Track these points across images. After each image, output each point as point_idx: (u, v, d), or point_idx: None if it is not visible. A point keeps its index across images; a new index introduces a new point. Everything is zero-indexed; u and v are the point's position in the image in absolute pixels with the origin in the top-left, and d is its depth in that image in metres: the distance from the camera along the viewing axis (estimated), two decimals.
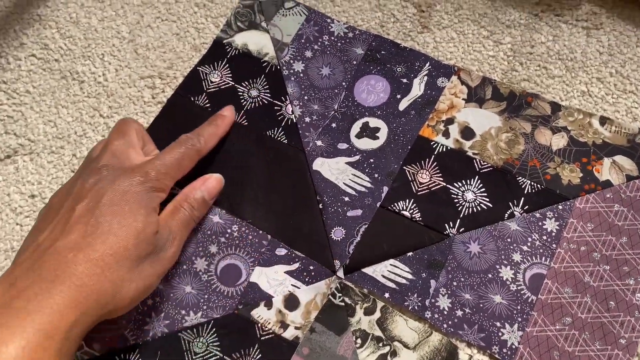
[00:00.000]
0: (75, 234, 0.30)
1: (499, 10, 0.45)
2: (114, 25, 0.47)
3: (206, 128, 0.39)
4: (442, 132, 0.40)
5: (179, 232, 0.35)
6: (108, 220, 0.31)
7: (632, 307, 0.35)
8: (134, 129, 0.37)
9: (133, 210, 0.32)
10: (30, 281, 0.28)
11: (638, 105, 0.41)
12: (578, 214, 0.37)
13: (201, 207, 0.37)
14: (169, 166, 0.35)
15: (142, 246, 0.31)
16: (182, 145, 0.36)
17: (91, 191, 0.32)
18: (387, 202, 0.39)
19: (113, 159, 0.34)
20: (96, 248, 0.30)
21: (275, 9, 0.45)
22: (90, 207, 0.31)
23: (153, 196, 0.33)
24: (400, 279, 0.36)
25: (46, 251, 0.30)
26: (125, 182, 0.32)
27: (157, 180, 0.34)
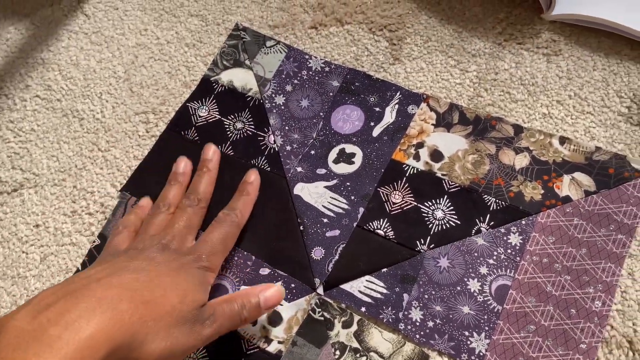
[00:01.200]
0: (128, 277, 0.31)
1: (465, 40, 0.48)
2: (110, 66, 0.51)
3: (239, 199, 0.41)
4: (413, 156, 0.43)
5: (221, 320, 0.34)
6: (162, 277, 0.32)
7: (591, 314, 0.37)
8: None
9: (187, 278, 0.34)
10: (70, 305, 0.27)
11: (595, 125, 0.44)
12: (540, 228, 0.40)
13: (252, 311, 0.35)
14: (216, 246, 0.38)
15: (185, 310, 0.31)
16: (223, 223, 0.39)
17: (147, 258, 0.35)
18: (363, 222, 0.41)
19: (171, 241, 0.37)
20: (144, 294, 0.30)
21: (257, 48, 0.49)
22: (148, 263, 0.34)
23: (205, 274, 0.36)
24: (376, 294, 0.39)
25: (96, 281, 0.30)
26: (179, 261, 0.35)
27: (209, 261, 0.36)
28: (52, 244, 0.44)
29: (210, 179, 0.43)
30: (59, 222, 0.45)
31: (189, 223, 0.40)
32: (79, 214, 0.45)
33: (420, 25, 0.49)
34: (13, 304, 0.42)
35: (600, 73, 0.46)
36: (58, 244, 0.44)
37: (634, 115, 0.43)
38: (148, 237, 0.38)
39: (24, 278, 0.43)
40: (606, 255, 0.39)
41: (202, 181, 0.43)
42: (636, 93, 0.44)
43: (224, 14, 0.52)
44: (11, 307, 0.42)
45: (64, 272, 0.43)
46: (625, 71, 0.45)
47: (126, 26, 0.53)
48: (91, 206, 0.45)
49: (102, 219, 0.45)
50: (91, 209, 0.45)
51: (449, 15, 0.49)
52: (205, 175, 0.43)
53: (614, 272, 0.38)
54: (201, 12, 0.52)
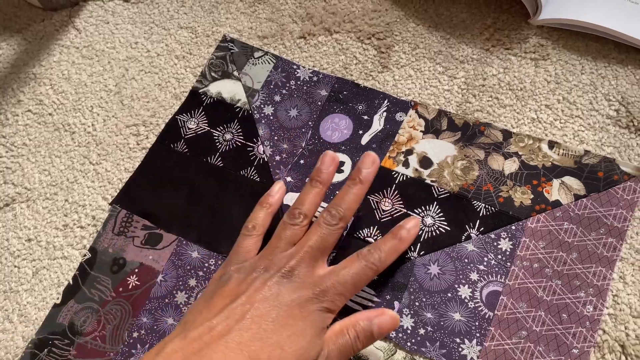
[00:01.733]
0: (249, 332, 0.30)
1: (453, 47, 0.48)
2: (101, 80, 0.51)
3: (389, 241, 0.36)
4: (402, 163, 0.44)
5: (334, 358, 0.33)
6: (279, 331, 0.31)
7: (583, 318, 0.37)
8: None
9: (305, 329, 0.32)
10: None
11: (584, 128, 0.44)
12: (530, 233, 0.40)
13: (366, 340, 0.34)
14: (346, 287, 0.34)
15: None
16: (363, 261, 0.35)
17: (272, 290, 0.33)
18: (353, 230, 0.41)
19: (300, 264, 0.35)
20: (261, 357, 0.30)
21: (245, 59, 0.49)
22: (268, 309, 0.32)
23: (325, 317, 0.33)
24: (367, 302, 0.39)
25: (218, 341, 0.30)
26: (304, 297, 0.33)
27: (332, 302, 0.33)
28: (44, 258, 0.44)
29: (360, 193, 0.37)
30: (51, 236, 0.45)
31: (323, 244, 0.36)
32: (71, 228, 0.45)
33: (408, 33, 0.49)
34: (5, 319, 0.42)
35: (589, 77, 0.46)
36: (50, 257, 0.44)
37: (623, 118, 0.43)
38: (277, 252, 0.36)
39: (15, 292, 0.43)
40: (597, 259, 0.39)
41: (350, 193, 0.37)
42: (624, 96, 0.44)
43: (213, 26, 0.52)
44: (2, 322, 0.42)
45: (55, 285, 0.43)
46: (613, 74, 0.45)
47: (117, 40, 0.53)
48: (83, 219, 0.45)
49: (94, 232, 0.45)
50: (83, 222, 0.45)
51: (437, 22, 0.50)
52: (356, 188, 0.37)
53: (605, 276, 0.38)
54: (191, 24, 0.53)
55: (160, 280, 0.41)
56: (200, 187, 0.44)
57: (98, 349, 0.40)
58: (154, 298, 0.41)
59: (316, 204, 0.38)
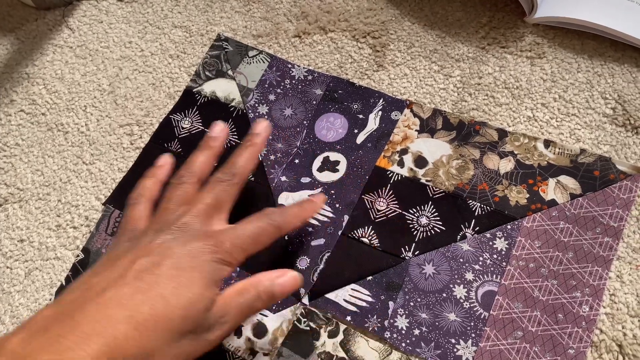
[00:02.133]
0: (128, 288, 0.28)
1: (449, 45, 0.48)
2: (95, 79, 0.51)
3: (293, 207, 0.37)
4: (397, 162, 0.43)
5: (233, 317, 0.32)
6: (164, 283, 0.29)
7: (579, 318, 0.37)
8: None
9: (193, 279, 0.30)
10: (65, 329, 0.26)
11: (580, 127, 0.43)
12: (526, 233, 0.40)
13: (267, 300, 0.33)
14: (245, 240, 0.33)
15: (188, 321, 0.29)
16: (264, 218, 0.34)
17: (159, 248, 0.31)
18: (348, 230, 0.41)
19: (194, 219, 0.33)
20: (142, 310, 0.28)
21: (240, 58, 0.49)
22: (152, 263, 0.30)
23: (219, 268, 0.31)
24: (361, 302, 0.39)
25: (93, 299, 0.28)
26: (196, 248, 0.31)
27: (229, 253, 0.32)
28: (37, 259, 0.44)
29: (253, 154, 0.37)
30: (44, 237, 0.45)
31: (217, 201, 0.34)
32: (64, 228, 0.45)
33: (404, 32, 0.49)
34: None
35: (585, 75, 0.45)
36: (42, 258, 0.44)
37: (619, 117, 0.43)
38: (168, 213, 0.34)
39: (8, 294, 0.43)
40: (593, 258, 0.38)
41: (243, 154, 0.37)
42: (620, 94, 0.44)
43: (207, 25, 0.52)
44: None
45: (48, 286, 0.43)
46: (610, 72, 0.45)
47: (110, 39, 0.53)
48: (76, 220, 0.45)
49: (87, 232, 0.44)
50: (76, 223, 0.45)
51: (432, 21, 0.49)
52: (249, 149, 0.37)
53: (601, 276, 0.38)
54: (185, 23, 0.53)
55: None
56: None
57: None
58: None
59: (207, 165, 0.37)
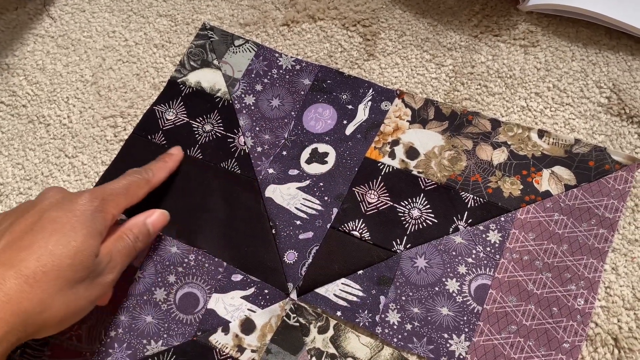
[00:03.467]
0: (11, 249, 0.30)
1: (440, 34, 0.47)
2: (77, 70, 0.49)
3: (154, 163, 0.41)
4: (388, 154, 0.42)
5: (119, 260, 0.34)
6: (46, 237, 0.30)
7: (574, 311, 0.36)
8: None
9: (75, 229, 0.31)
10: None
11: (575, 116, 0.42)
12: (520, 225, 0.39)
13: (145, 238, 0.36)
14: (116, 192, 0.35)
15: (77, 268, 0.31)
16: (130, 175, 0.38)
17: (36, 207, 0.32)
18: (338, 223, 0.40)
19: (60, 192, 0.35)
20: (29, 265, 0.29)
21: (226, 47, 0.48)
22: (31, 221, 0.31)
23: (98, 218, 0.33)
24: (352, 297, 0.38)
25: None
26: (72, 202, 0.33)
27: (103, 202, 0.34)
28: None
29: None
30: None
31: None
32: None
33: (395, 20, 0.48)
34: None
35: (579, 63, 0.44)
36: None
37: (614, 106, 0.42)
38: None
39: None
40: (588, 250, 0.38)
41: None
42: (615, 83, 0.43)
43: (193, 13, 0.51)
44: None
45: None
46: (604, 61, 0.44)
47: (93, 28, 0.51)
48: None
49: None
50: None
51: (424, 9, 0.48)
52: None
53: (597, 268, 0.37)
54: (170, 12, 0.51)
55: (139, 276, 0.40)
56: (178, 180, 0.42)
57: (74, 349, 0.38)
58: (132, 295, 0.39)
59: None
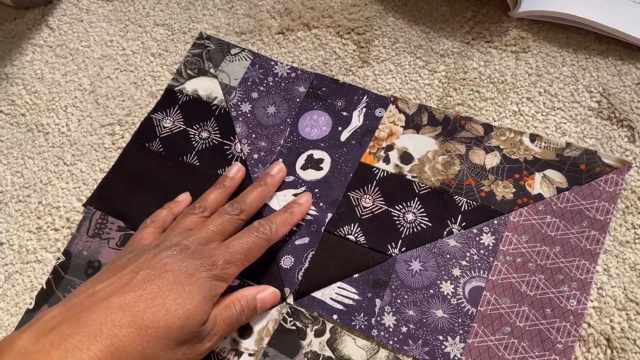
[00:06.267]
0: (131, 295, 0.31)
1: (433, 41, 0.48)
2: (76, 79, 0.50)
3: (281, 215, 0.39)
4: (382, 159, 0.43)
5: (221, 329, 0.34)
6: (166, 294, 0.31)
7: (567, 312, 0.37)
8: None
9: (192, 293, 0.32)
10: (73, 329, 0.28)
11: (566, 120, 0.43)
12: (513, 227, 0.39)
13: (250, 313, 0.36)
14: (236, 256, 0.35)
15: (185, 331, 0.31)
16: (254, 232, 0.37)
17: (159, 263, 0.33)
18: (334, 228, 0.41)
19: (193, 242, 0.35)
20: (145, 317, 0.30)
21: (222, 56, 0.48)
22: (153, 275, 0.32)
23: (215, 285, 0.34)
24: (348, 300, 0.38)
25: (99, 303, 0.30)
26: (192, 266, 0.33)
27: (223, 270, 0.34)
28: (17, 262, 0.43)
29: (263, 193, 0.40)
30: (24, 239, 0.44)
31: (220, 229, 0.37)
32: (44, 230, 0.44)
33: (388, 27, 0.49)
34: None
35: (570, 69, 0.45)
36: (23, 261, 0.43)
37: (604, 110, 0.43)
38: (172, 235, 0.36)
39: None
40: (580, 252, 0.38)
41: (253, 193, 0.40)
42: (605, 87, 0.44)
43: (190, 23, 0.51)
44: None
45: (29, 290, 0.42)
46: (594, 66, 0.45)
47: (91, 38, 0.52)
48: (57, 222, 0.44)
49: (68, 234, 0.43)
50: (57, 225, 0.44)
51: (417, 16, 0.49)
52: (259, 188, 0.40)
53: (589, 270, 0.38)
54: (167, 21, 0.52)
55: None
56: (175, 187, 0.43)
57: None
58: None
59: (218, 202, 0.40)
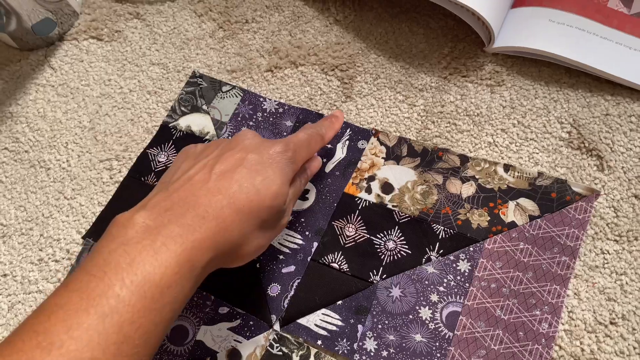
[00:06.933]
0: (225, 180, 0.33)
1: (412, 76, 0.50)
2: (76, 116, 0.53)
3: (324, 121, 0.43)
4: (364, 189, 0.45)
5: (291, 203, 0.38)
6: (254, 176, 0.34)
7: (539, 335, 0.38)
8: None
9: (276, 175, 0.34)
10: (183, 210, 0.31)
11: (539, 150, 0.46)
12: (487, 254, 0.41)
13: (306, 182, 0.41)
14: (303, 143, 0.38)
15: (273, 211, 0.34)
16: (311, 128, 0.41)
17: (240, 144, 0.36)
18: (318, 256, 0.43)
19: (257, 136, 0.38)
20: (240, 197, 0.33)
21: (214, 93, 0.51)
22: (238, 157, 0.35)
23: (291, 167, 0.36)
24: (331, 326, 0.40)
25: (200, 188, 0.33)
26: (271, 148, 0.36)
27: (295, 152, 0.37)
28: (20, 293, 0.45)
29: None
30: (26, 271, 0.46)
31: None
32: (46, 262, 0.46)
33: (370, 64, 0.51)
34: None
35: (542, 101, 0.48)
36: (25, 292, 0.45)
37: (574, 140, 0.45)
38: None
39: None
40: (551, 277, 0.40)
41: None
42: (575, 118, 0.46)
43: (183, 62, 0.54)
44: None
45: None
46: (565, 98, 0.48)
47: (91, 77, 0.55)
48: (57, 253, 0.46)
49: (68, 265, 0.46)
50: (57, 256, 0.46)
51: (397, 53, 0.52)
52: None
53: (560, 294, 0.39)
54: (162, 60, 0.55)
55: None
56: None
57: None
58: None
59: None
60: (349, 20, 0.55)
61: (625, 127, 0.45)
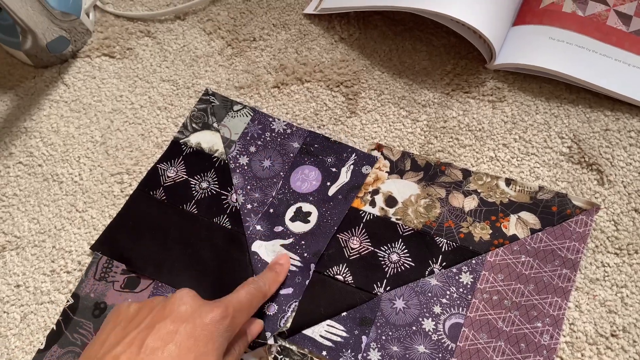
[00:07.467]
0: (153, 355, 0.31)
1: (416, 92, 0.52)
2: (88, 131, 0.55)
3: (267, 274, 0.42)
4: (369, 202, 0.46)
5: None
6: (184, 354, 0.32)
7: (540, 347, 0.39)
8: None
9: (207, 350, 0.33)
10: None
11: (539, 165, 0.46)
12: (489, 267, 0.42)
13: (245, 347, 0.39)
14: (244, 305, 0.37)
15: None
16: (252, 285, 0.40)
17: (174, 312, 0.34)
18: (323, 268, 0.44)
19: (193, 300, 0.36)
20: None
21: (225, 112, 0.53)
22: (171, 330, 0.33)
23: (226, 337, 0.35)
24: (336, 337, 0.41)
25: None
26: (207, 316, 0.34)
27: (234, 318, 0.35)
28: (32, 303, 0.46)
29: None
30: (39, 282, 0.47)
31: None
32: (58, 273, 0.47)
33: (374, 80, 0.53)
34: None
35: (543, 116, 0.49)
36: (37, 302, 0.46)
37: (575, 155, 0.46)
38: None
39: (4, 337, 0.45)
40: (552, 289, 0.41)
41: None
42: (576, 133, 0.47)
43: (193, 78, 0.56)
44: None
45: (42, 329, 0.45)
46: (565, 113, 0.49)
47: (103, 93, 0.57)
48: (69, 265, 0.48)
49: (79, 276, 0.47)
50: (69, 268, 0.48)
51: (400, 70, 0.53)
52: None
53: (561, 306, 0.40)
54: (172, 77, 0.56)
55: None
56: (175, 234, 0.46)
57: None
58: None
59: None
60: (354, 38, 0.56)
61: (624, 142, 0.46)
